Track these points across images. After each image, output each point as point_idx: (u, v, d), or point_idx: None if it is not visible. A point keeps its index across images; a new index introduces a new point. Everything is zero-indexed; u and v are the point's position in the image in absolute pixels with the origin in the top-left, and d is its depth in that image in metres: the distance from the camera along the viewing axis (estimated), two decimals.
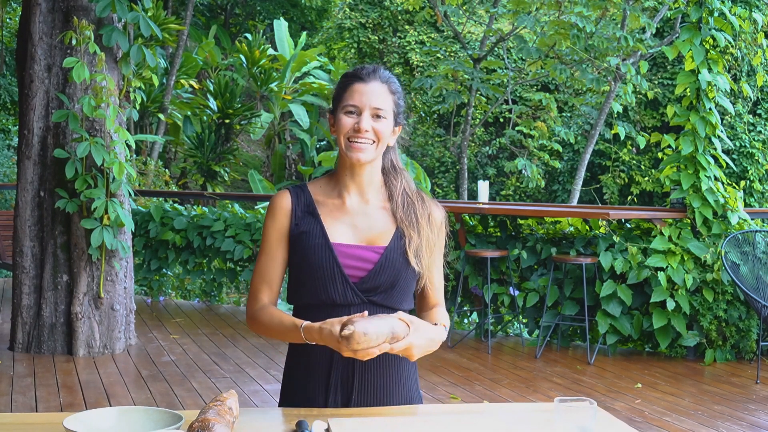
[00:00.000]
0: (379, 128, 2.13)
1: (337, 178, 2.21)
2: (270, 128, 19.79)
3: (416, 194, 2.22)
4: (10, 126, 15.10)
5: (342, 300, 2.13)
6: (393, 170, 2.24)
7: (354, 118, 2.12)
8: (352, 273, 2.13)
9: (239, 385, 5.71)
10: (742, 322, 6.52)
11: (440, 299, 2.26)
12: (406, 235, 2.16)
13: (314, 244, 2.13)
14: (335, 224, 2.16)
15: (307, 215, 2.17)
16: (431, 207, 2.23)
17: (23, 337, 6.45)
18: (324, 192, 2.21)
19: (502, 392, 5.67)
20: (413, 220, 2.18)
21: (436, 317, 2.18)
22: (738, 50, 13.66)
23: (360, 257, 2.13)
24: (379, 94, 2.13)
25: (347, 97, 2.13)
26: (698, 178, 6.65)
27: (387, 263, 2.13)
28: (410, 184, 2.24)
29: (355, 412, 2.04)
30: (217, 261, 8.89)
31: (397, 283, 2.14)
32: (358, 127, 2.10)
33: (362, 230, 2.17)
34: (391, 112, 2.15)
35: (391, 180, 2.22)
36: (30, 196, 6.41)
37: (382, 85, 2.15)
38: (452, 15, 13.05)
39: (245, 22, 24.87)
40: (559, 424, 1.84)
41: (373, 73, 2.15)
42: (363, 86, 2.13)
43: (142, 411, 1.90)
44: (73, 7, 6.29)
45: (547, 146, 14.98)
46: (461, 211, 7.46)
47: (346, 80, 2.17)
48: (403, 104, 2.21)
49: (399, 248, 2.15)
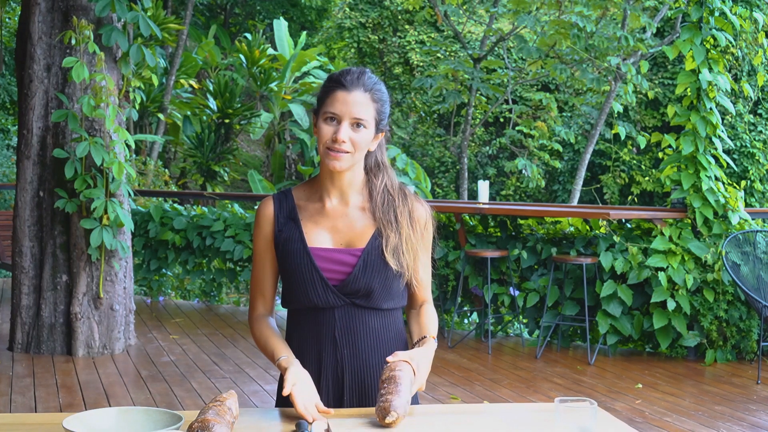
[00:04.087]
0: (358, 138, 2.10)
1: (318, 182, 2.21)
2: (270, 128, 19.78)
3: (398, 191, 2.20)
4: (10, 126, 15.09)
5: (324, 303, 2.15)
6: (377, 168, 2.22)
7: (333, 126, 2.10)
8: (332, 276, 2.13)
9: (239, 385, 5.71)
10: (743, 322, 6.52)
11: (428, 296, 2.27)
12: (383, 235, 2.15)
13: (293, 250, 2.15)
14: (315, 229, 2.16)
15: (289, 221, 2.18)
16: (413, 204, 2.21)
17: (22, 337, 6.45)
18: (306, 196, 2.21)
19: (502, 392, 5.66)
20: (392, 219, 2.17)
21: (425, 321, 2.22)
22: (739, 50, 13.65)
23: (338, 261, 2.14)
24: (360, 104, 2.10)
25: (328, 104, 2.11)
26: (699, 178, 6.64)
27: (365, 265, 2.13)
28: (392, 180, 2.22)
29: (354, 412, 2.04)
30: (217, 261, 8.88)
31: (378, 284, 2.15)
32: (335, 137, 2.08)
33: (342, 233, 2.17)
34: (373, 120, 2.13)
35: (372, 179, 2.21)
36: (29, 196, 6.41)
37: (365, 94, 2.11)
38: (452, 15, 13.04)
39: (245, 22, 24.87)
40: (560, 424, 1.84)
41: (357, 81, 2.11)
42: (345, 95, 2.10)
43: (142, 411, 1.90)
44: (72, 6, 6.28)
45: (547, 146, 14.99)
46: (461, 211, 7.45)
47: (329, 85, 2.14)
48: (387, 111, 2.18)
49: (377, 249, 2.14)
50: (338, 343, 2.16)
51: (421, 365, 2.07)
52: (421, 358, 2.08)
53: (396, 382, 1.96)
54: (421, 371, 2.06)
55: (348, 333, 2.16)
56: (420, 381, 2.04)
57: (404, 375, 1.99)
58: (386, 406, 1.90)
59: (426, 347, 2.13)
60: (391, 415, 1.89)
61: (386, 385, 1.95)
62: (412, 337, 2.22)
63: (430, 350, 2.14)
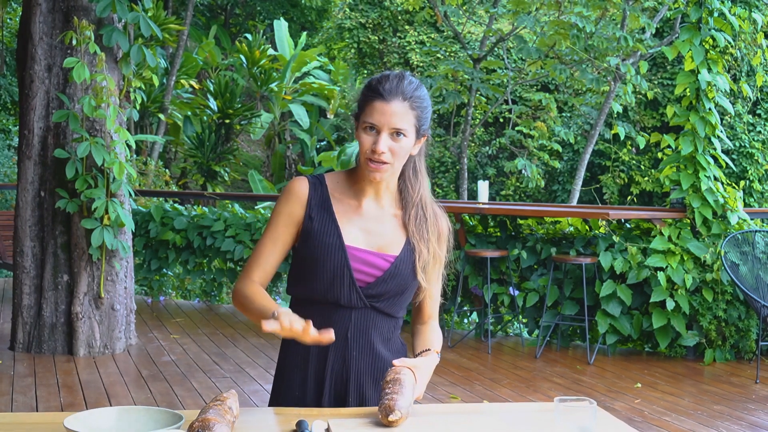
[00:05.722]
0: (397, 148, 2.09)
1: (355, 179, 2.19)
2: (270, 128, 19.78)
3: (429, 208, 2.21)
4: (11, 126, 15.10)
5: (346, 302, 2.14)
6: (413, 177, 2.21)
7: (373, 136, 2.08)
8: (359, 278, 2.13)
9: (239, 385, 5.72)
10: (742, 321, 6.53)
11: (435, 312, 2.29)
12: (416, 250, 2.16)
13: (328, 243, 2.13)
14: (349, 226, 2.15)
15: (321, 210, 2.16)
16: (441, 223, 2.22)
17: (24, 336, 6.45)
18: (341, 190, 2.19)
19: (502, 392, 5.67)
20: (424, 235, 2.18)
21: (430, 337, 2.24)
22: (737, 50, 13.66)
23: (370, 263, 2.14)
24: (399, 114, 2.07)
25: (367, 113, 2.09)
26: (698, 178, 6.65)
27: (396, 272, 2.14)
28: (426, 194, 2.22)
29: (354, 412, 2.05)
30: (217, 261, 8.89)
31: (402, 292, 2.18)
32: (375, 148, 2.07)
33: (374, 236, 2.17)
34: (413, 128, 2.10)
35: (408, 188, 2.20)
36: (30, 196, 6.41)
37: (404, 103, 2.08)
38: (452, 15, 13.04)
39: (245, 22, 24.87)
40: (559, 424, 1.85)
41: (396, 89, 2.08)
42: (383, 105, 2.07)
43: (143, 411, 1.90)
44: (73, 7, 6.29)
45: (546, 146, 14.98)
46: (461, 211, 7.46)
47: (367, 94, 2.11)
48: (428, 115, 2.15)
49: (409, 260, 2.16)
50: (349, 344, 2.16)
51: (422, 375, 2.09)
52: (424, 368, 2.11)
53: (400, 383, 1.98)
54: (421, 381, 2.08)
55: (360, 335, 2.17)
56: (418, 390, 2.05)
57: (408, 379, 2.01)
58: (391, 404, 1.91)
59: (428, 359, 2.16)
60: (395, 414, 1.90)
61: (390, 386, 1.97)
62: (415, 348, 2.24)
63: (432, 363, 2.16)
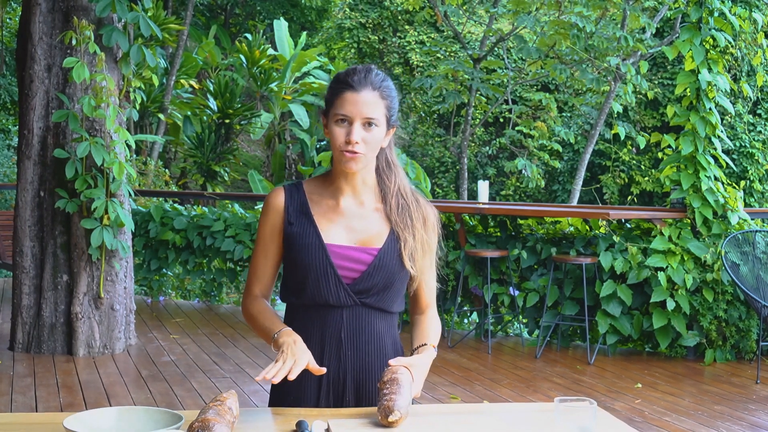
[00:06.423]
0: (370, 138, 2.11)
1: (331, 179, 2.21)
2: (270, 128, 19.78)
3: (410, 195, 2.23)
4: (10, 126, 15.09)
5: (335, 301, 2.15)
6: (387, 168, 2.23)
7: (345, 128, 2.10)
8: (345, 274, 2.14)
9: (239, 385, 5.71)
10: (742, 322, 6.52)
11: (432, 301, 2.29)
12: (401, 238, 2.17)
13: (308, 244, 2.14)
14: (329, 225, 2.17)
15: (300, 215, 2.18)
16: (426, 209, 2.23)
17: (23, 337, 6.45)
18: (318, 192, 2.21)
19: (502, 392, 5.67)
20: (408, 223, 2.18)
21: (427, 329, 2.24)
22: (738, 50, 13.66)
23: (354, 258, 2.15)
24: (370, 104, 2.10)
25: (338, 106, 2.11)
26: (698, 178, 6.65)
27: (380, 264, 2.15)
28: (404, 183, 2.24)
29: (354, 412, 2.04)
30: (217, 261, 8.89)
31: (390, 285, 2.17)
32: (348, 139, 2.09)
33: (356, 232, 2.17)
34: (384, 118, 2.13)
35: (384, 180, 2.22)
36: (30, 196, 6.41)
37: (374, 92, 2.11)
38: (452, 15, 13.04)
39: (245, 22, 24.87)
40: (559, 424, 1.84)
41: (365, 80, 2.11)
42: (354, 96, 2.10)
43: (142, 411, 1.90)
44: (73, 7, 6.29)
45: (547, 146, 14.98)
46: (461, 211, 7.46)
47: (337, 86, 2.14)
48: (396, 105, 2.18)
49: (394, 250, 2.16)
50: (343, 344, 2.16)
51: (419, 373, 2.08)
52: (420, 365, 2.10)
53: (398, 383, 1.97)
54: (418, 379, 2.07)
55: (354, 334, 2.17)
56: (416, 389, 2.05)
57: (405, 379, 2.00)
58: (390, 405, 1.91)
59: (424, 355, 2.16)
60: (395, 414, 1.90)
61: (389, 386, 1.97)
62: (412, 342, 2.23)
63: (429, 359, 2.16)
